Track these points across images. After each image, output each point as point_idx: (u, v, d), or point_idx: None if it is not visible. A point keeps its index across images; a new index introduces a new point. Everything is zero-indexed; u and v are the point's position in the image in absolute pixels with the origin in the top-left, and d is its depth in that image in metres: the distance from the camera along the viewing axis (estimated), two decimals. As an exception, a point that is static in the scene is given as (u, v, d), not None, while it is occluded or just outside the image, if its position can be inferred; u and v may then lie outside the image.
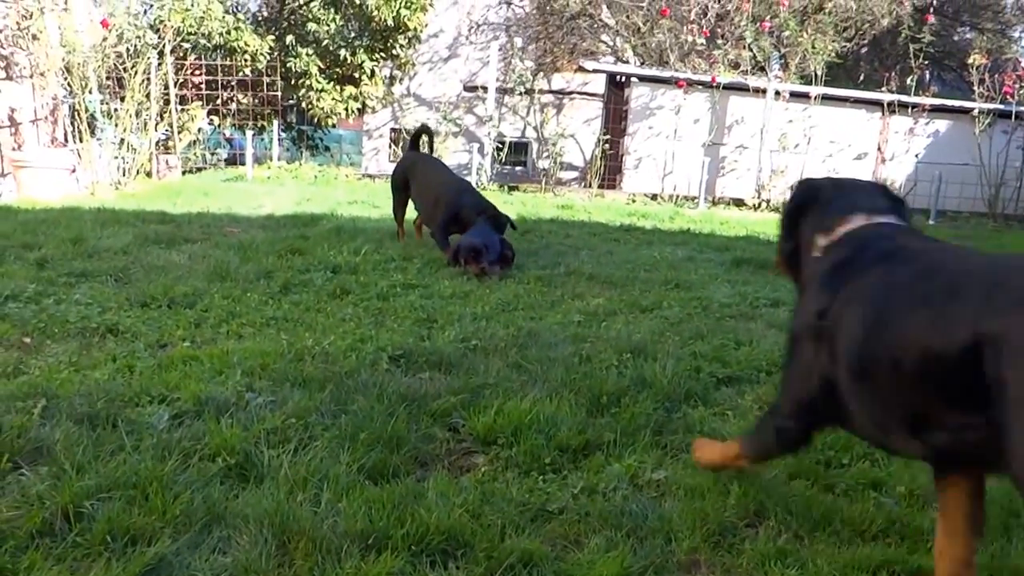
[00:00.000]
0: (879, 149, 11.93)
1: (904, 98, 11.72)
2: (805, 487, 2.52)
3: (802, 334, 2.11)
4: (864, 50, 16.58)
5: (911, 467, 2.66)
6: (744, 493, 2.43)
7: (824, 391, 2.00)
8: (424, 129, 7.09)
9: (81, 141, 9.93)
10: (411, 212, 6.74)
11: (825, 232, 2.18)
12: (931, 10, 13.67)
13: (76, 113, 10.04)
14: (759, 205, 11.34)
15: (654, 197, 11.45)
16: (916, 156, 11.90)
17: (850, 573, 2.08)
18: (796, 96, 11.63)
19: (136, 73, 10.25)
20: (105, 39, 10.24)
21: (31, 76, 10.32)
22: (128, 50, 10.35)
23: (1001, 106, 11.29)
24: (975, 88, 11.53)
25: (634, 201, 11.08)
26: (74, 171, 9.69)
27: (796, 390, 2.14)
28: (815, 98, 11.54)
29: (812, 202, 2.32)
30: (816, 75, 11.92)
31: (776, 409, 2.24)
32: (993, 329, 1.53)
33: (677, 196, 11.40)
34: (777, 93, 11.52)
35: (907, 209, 2.32)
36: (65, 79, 10.15)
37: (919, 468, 2.65)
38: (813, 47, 12.16)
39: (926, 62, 12.57)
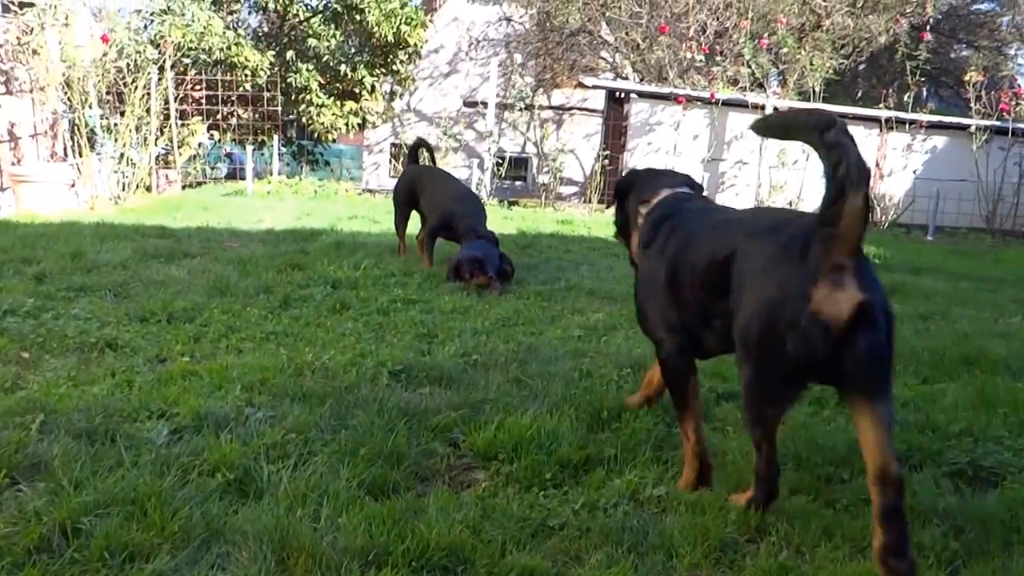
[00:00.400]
0: (877, 165, 11.96)
1: (902, 115, 11.76)
2: (806, 502, 2.51)
3: (643, 278, 2.92)
4: (862, 67, 16.66)
5: (912, 484, 2.65)
6: (745, 509, 2.42)
7: (665, 307, 2.77)
8: (422, 143, 7.11)
9: (81, 156, 9.95)
10: (412, 228, 6.74)
11: (644, 203, 3.00)
12: (928, 28, 13.75)
13: (76, 128, 10.06)
14: (758, 221, 11.37)
15: (653, 213, 11.47)
16: (914, 172, 11.93)
17: (852, 589, 2.07)
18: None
19: (136, 88, 10.28)
20: (105, 54, 10.28)
21: (31, 91, 10.35)
22: (128, 65, 10.39)
23: (998, 123, 11.33)
24: (972, 105, 11.58)
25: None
26: (73, 185, 9.71)
27: (654, 317, 2.86)
28: (813, 114, 11.58)
29: (633, 184, 3.14)
30: (814, 92, 11.97)
31: (658, 341, 2.86)
32: (736, 246, 2.43)
33: (676, 212, 11.42)
34: (776, 109, 11.56)
35: (700, 188, 3.16)
36: (65, 94, 10.18)
37: (920, 485, 2.65)
38: (811, 64, 12.23)
39: (923, 79, 12.64)
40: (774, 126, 2.76)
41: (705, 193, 3.35)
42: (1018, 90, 11.77)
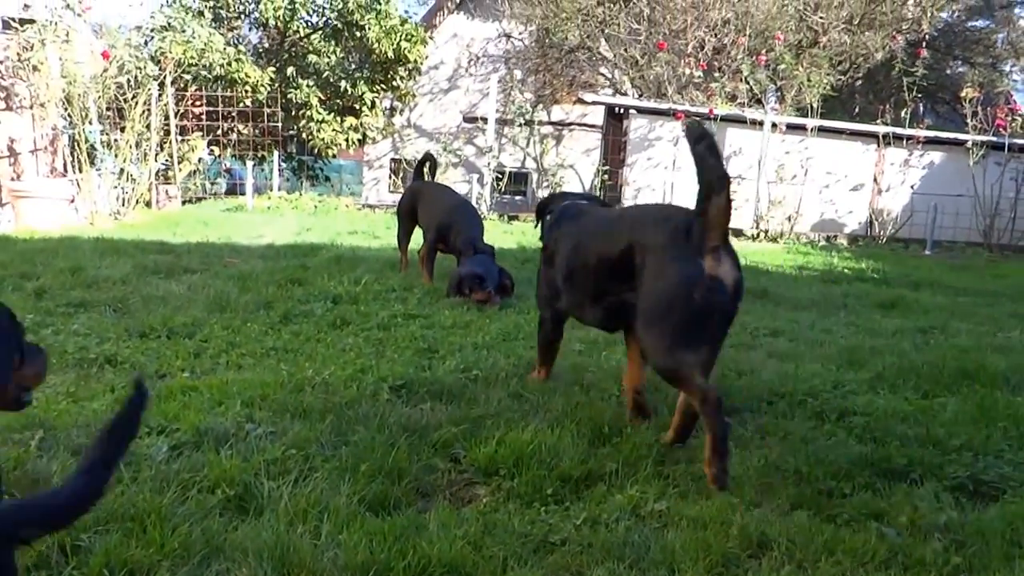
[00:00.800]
0: (875, 180, 12.00)
1: (899, 130, 11.81)
2: (807, 517, 2.50)
3: (543, 267, 3.75)
4: (859, 83, 16.73)
5: (913, 498, 2.65)
6: (747, 524, 2.41)
7: (554, 289, 3.60)
8: (428, 157, 7.12)
9: (80, 171, 9.97)
10: (415, 243, 6.74)
11: (550, 212, 3.83)
12: (924, 44, 13.81)
13: (76, 143, 10.08)
14: (758, 235, 11.38)
15: (652, 227, 11.48)
16: (912, 187, 11.97)
17: (855, 605, 2.06)
18: (793, 128, 11.72)
19: (136, 104, 10.31)
20: (106, 70, 10.32)
21: (31, 107, 10.39)
22: (129, 81, 10.42)
23: (994, 138, 11.38)
24: (968, 121, 11.63)
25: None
26: (73, 201, 9.72)
27: (544, 294, 3.74)
28: (811, 130, 11.63)
29: (548, 203, 3.98)
30: (812, 107, 12.02)
31: (542, 319, 3.79)
32: (637, 238, 3.02)
33: (676, 227, 11.44)
34: (774, 125, 11.61)
35: (600, 199, 4.10)
36: (65, 110, 10.21)
37: (920, 499, 2.64)
38: (808, 80, 12.28)
39: (919, 95, 12.68)
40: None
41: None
42: (1014, 106, 11.83)
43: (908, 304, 6.24)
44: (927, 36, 15.48)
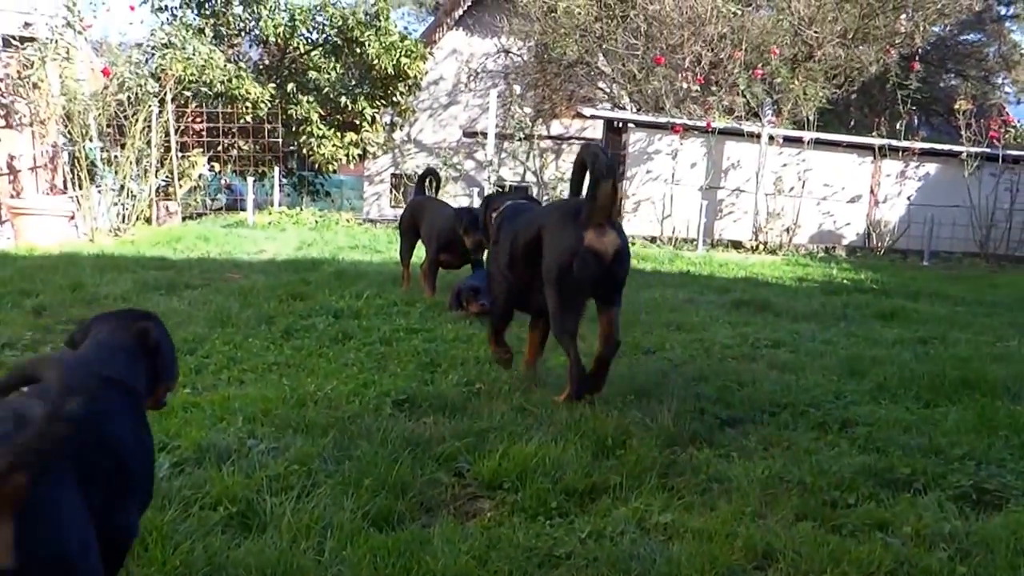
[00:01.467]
0: (872, 192, 12.03)
1: (895, 142, 11.86)
2: (812, 528, 2.50)
3: (492, 260, 4.23)
4: (854, 96, 16.80)
5: (917, 508, 2.65)
6: (752, 535, 2.41)
7: (503, 277, 4.04)
8: (430, 172, 7.13)
9: (80, 188, 9.97)
10: (418, 258, 6.74)
11: (494, 210, 4.24)
12: (917, 58, 13.88)
13: (76, 160, 10.09)
14: (757, 247, 11.40)
15: (653, 240, 11.51)
16: (908, 198, 12.01)
17: (861, 616, 2.05)
18: (790, 141, 11.76)
19: (137, 121, 10.33)
20: (106, 87, 10.36)
21: (31, 124, 10.41)
22: (129, 98, 10.44)
23: (988, 150, 11.44)
24: (962, 132, 11.68)
25: (634, 244, 11.10)
26: (73, 218, 9.73)
27: (497, 282, 4.14)
28: (808, 142, 11.68)
29: (488, 203, 4.43)
30: (808, 120, 12.07)
31: (494, 300, 4.24)
32: (545, 223, 3.65)
33: (676, 239, 11.47)
34: (771, 138, 11.65)
35: (537, 200, 4.55)
36: (65, 127, 10.23)
37: (924, 509, 2.64)
38: (804, 93, 12.34)
39: (914, 108, 12.74)
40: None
41: (703, 220, 3.81)
42: (1006, 118, 11.90)
43: (907, 314, 6.25)
44: (920, 50, 15.56)
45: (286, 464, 2.86)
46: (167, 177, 11.71)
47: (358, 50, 13.43)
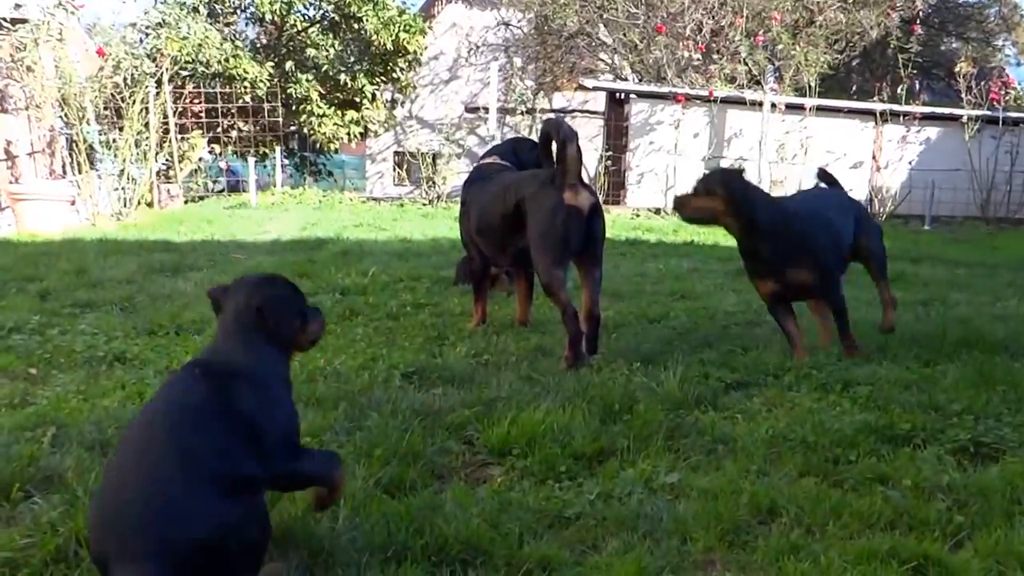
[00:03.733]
0: (874, 157, 12.01)
1: (896, 107, 11.81)
2: (815, 484, 2.55)
3: (461, 222, 4.70)
4: (855, 62, 16.71)
5: (916, 462, 2.70)
6: (756, 492, 2.46)
7: (471, 238, 4.55)
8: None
9: (80, 172, 9.95)
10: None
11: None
12: (918, 21, 13.79)
13: (74, 144, 10.07)
14: (759, 216, 11.40)
15: (657, 211, 11.51)
16: (910, 163, 11.98)
17: (861, 563, 2.10)
18: (792, 108, 11.72)
19: (134, 102, 10.26)
20: (101, 68, 10.29)
21: (27, 108, 10.37)
22: (125, 79, 10.38)
23: (988, 112, 11.40)
24: (963, 96, 11.63)
25: (638, 215, 11.14)
26: (74, 203, 9.73)
27: (467, 243, 4.66)
28: (810, 109, 11.64)
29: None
30: (810, 87, 12.02)
31: (471, 256, 4.71)
32: (525, 193, 3.98)
33: (678, 209, 11.47)
34: (773, 105, 11.62)
35: (521, 158, 4.72)
36: (62, 110, 10.19)
37: (924, 462, 2.70)
38: (806, 59, 12.28)
39: (915, 72, 12.69)
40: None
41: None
42: (1007, 79, 11.84)
43: (908, 278, 6.28)
44: (921, 13, 15.45)
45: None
46: (167, 160, 11.70)
47: (356, 26, 13.36)
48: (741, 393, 3.44)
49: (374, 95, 13.68)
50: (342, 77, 13.27)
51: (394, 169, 16.65)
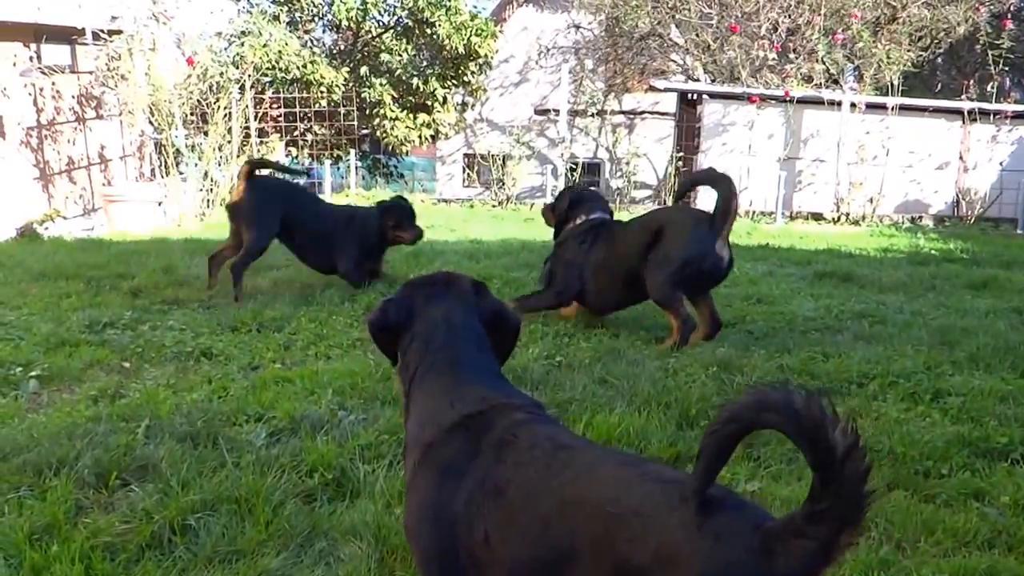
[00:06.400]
0: (961, 158, 11.56)
1: (985, 106, 11.33)
2: (904, 498, 2.46)
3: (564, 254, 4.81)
4: (940, 59, 16.12)
5: (1015, 477, 2.58)
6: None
7: (581, 271, 4.66)
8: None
9: (167, 175, 10.32)
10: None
11: (585, 214, 4.82)
12: (1009, 15, 13.22)
13: (162, 148, 10.44)
14: (839, 219, 11.10)
15: (729, 214, 11.31)
16: (1000, 164, 11.49)
17: (957, 582, 2.02)
18: (872, 107, 11.37)
19: (218, 108, 10.61)
20: (189, 76, 10.66)
21: (120, 114, 10.80)
22: (211, 86, 10.73)
23: (1088, 109, 10.85)
24: (1059, 93, 11.11)
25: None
26: (161, 204, 10.07)
27: (571, 275, 4.70)
28: (892, 109, 11.27)
29: (575, 203, 4.93)
30: (892, 85, 11.62)
31: (556, 291, 4.77)
32: (667, 223, 4.50)
33: (753, 211, 11.24)
34: (853, 105, 11.28)
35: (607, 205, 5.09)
36: (152, 116, 10.58)
37: (1023, 479, 2.57)
38: (888, 57, 11.89)
39: (1006, 68, 12.14)
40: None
41: (782, 192, 3.94)
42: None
43: (1001, 284, 6.02)
44: (1012, 7, 14.81)
45: (376, 434, 2.95)
46: (247, 163, 12.00)
47: (429, 31, 13.49)
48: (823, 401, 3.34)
49: (445, 98, 13.78)
50: (414, 81, 13.41)
51: (464, 171, 16.75)
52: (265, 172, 5.81)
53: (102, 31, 10.13)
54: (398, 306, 1.92)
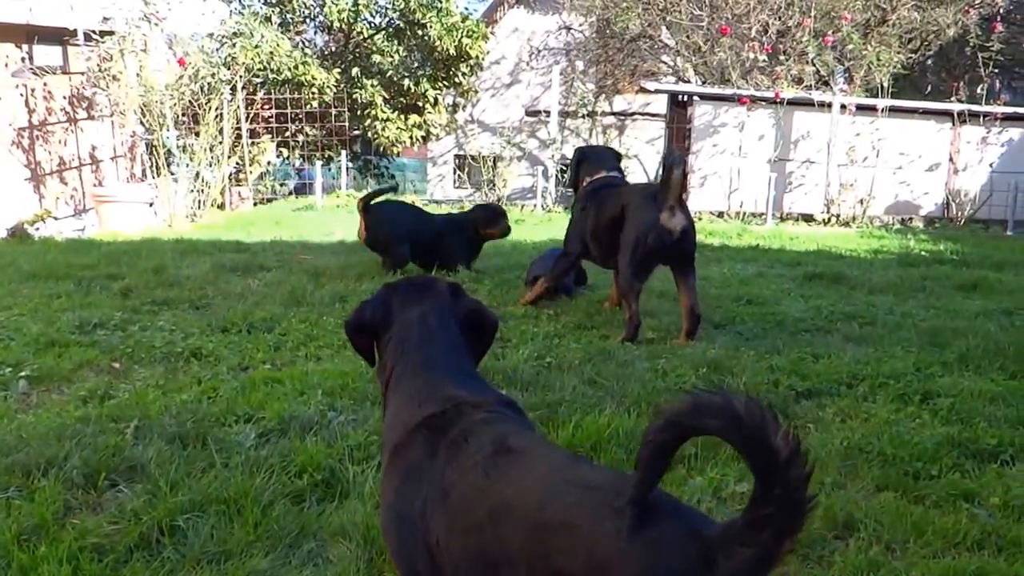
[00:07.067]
0: (951, 160, 11.61)
1: (975, 107, 11.39)
2: (894, 499, 2.47)
3: (574, 216, 5.14)
4: (930, 61, 16.18)
5: (1004, 478, 2.59)
6: (831, 505, 2.39)
7: (583, 234, 4.90)
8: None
9: (158, 176, 10.29)
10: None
11: (586, 176, 5.07)
12: (999, 18, 13.28)
13: (153, 149, 10.41)
14: (829, 220, 11.13)
15: (720, 214, 11.33)
16: (990, 166, 11.54)
17: (946, 584, 2.03)
18: (862, 109, 11.41)
19: (210, 109, 10.58)
20: (180, 77, 10.62)
21: (111, 115, 10.76)
22: (202, 87, 10.69)
23: (1078, 111, 10.91)
24: (1050, 95, 11.17)
25: (700, 219, 10.95)
26: (152, 204, 10.04)
27: (576, 237, 5.02)
28: (882, 110, 11.31)
29: (583, 158, 5.24)
30: (882, 87, 11.67)
31: (566, 252, 5.14)
32: (629, 203, 4.49)
33: (744, 213, 11.27)
34: (843, 107, 11.32)
35: (621, 168, 5.29)
36: (143, 117, 10.54)
37: (1012, 480, 2.58)
38: (878, 59, 11.93)
39: (995, 70, 12.19)
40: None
41: (772, 194, 3.96)
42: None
43: (991, 285, 6.05)
44: (1002, 9, 14.88)
45: (366, 434, 2.94)
46: (238, 163, 11.99)
47: (420, 32, 13.50)
48: (813, 402, 3.35)
49: (436, 100, 13.80)
50: (406, 82, 13.42)
51: (455, 172, 16.75)
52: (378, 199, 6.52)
53: (94, 32, 10.09)
54: (375, 308, 1.94)
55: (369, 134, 13.83)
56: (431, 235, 6.35)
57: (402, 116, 13.71)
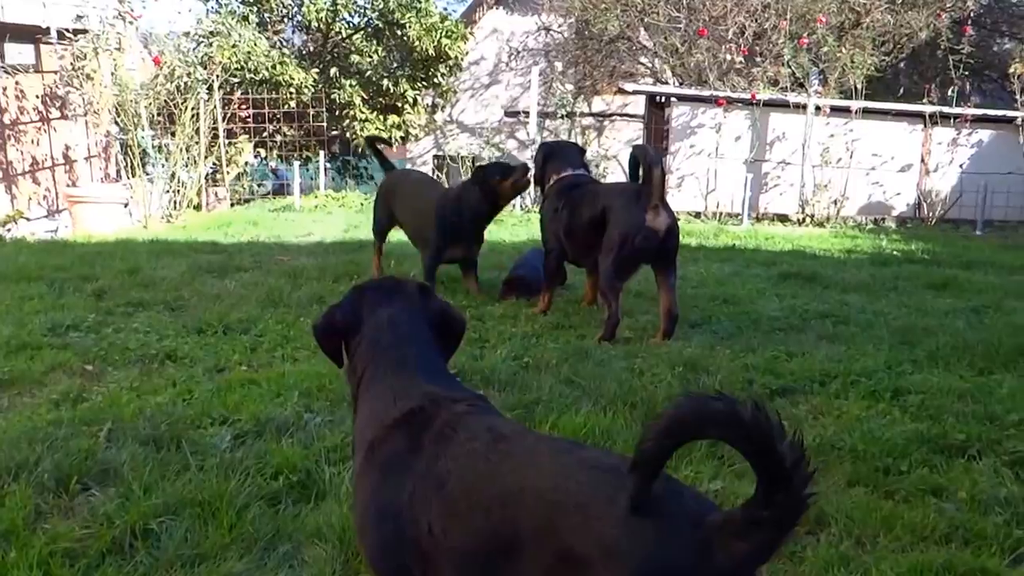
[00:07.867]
0: (923, 161, 11.75)
1: (946, 109, 11.53)
2: (864, 494, 2.51)
3: (545, 216, 5.14)
4: (903, 63, 16.36)
5: (971, 473, 2.63)
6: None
7: (558, 233, 4.87)
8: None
9: (133, 176, 10.19)
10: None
11: (554, 173, 5.08)
12: (969, 22, 13.44)
13: (128, 149, 10.30)
14: (803, 220, 11.23)
15: (698, 215, 11.40)
16: (961, 167, 11.69)
17: (915, 577, 2.06)
18: (837, 111, 11.52)
19: (186, 109, 10.49)
20: (156, 76, 10.53)
21: (85, 114, 10.65)
22: (178, 87, 10.60)
23: (1044, 114, 11.07)
24: (1017, 97, 11.32)
25: (678, 219, 11.03)
26: (127, 205, 9.95)
27: (552, 236, 4.99)
28: (856, 112, 11.43)
29: (549, 155, 5.25)
30: (856, 89, 11.79)
31: (549, 251, 5.08)
32: (612, 204, 4.50)
33: (721, 213, 11.35)
34: (817, 108, 11.43)
35: (588, 167, 5.37)
36: (118, 116, 10.44)
37: (979, 474, 2.62)
38: (852, 62, 12.05)
39: (966, 73, 12.33)
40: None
41: (748, 194, 4.02)
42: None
43: (960, 284, 6.14)
44: (972, 13, 15.07)
45: (342, 436, 2.94)
46: (215, 164, 11.90)
47: (399, 32, 13.46)
48: (786, 400, 3.39)
49: (415, 100, 13.77)
50: (384, 83, 13.38)
51: (434, 172, 16.73)
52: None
53: (67, 30, 9.99)
54: (344, 311, 1.97)
55: (348, 134, 13.77)
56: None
57: (381, 116, 13.67)
